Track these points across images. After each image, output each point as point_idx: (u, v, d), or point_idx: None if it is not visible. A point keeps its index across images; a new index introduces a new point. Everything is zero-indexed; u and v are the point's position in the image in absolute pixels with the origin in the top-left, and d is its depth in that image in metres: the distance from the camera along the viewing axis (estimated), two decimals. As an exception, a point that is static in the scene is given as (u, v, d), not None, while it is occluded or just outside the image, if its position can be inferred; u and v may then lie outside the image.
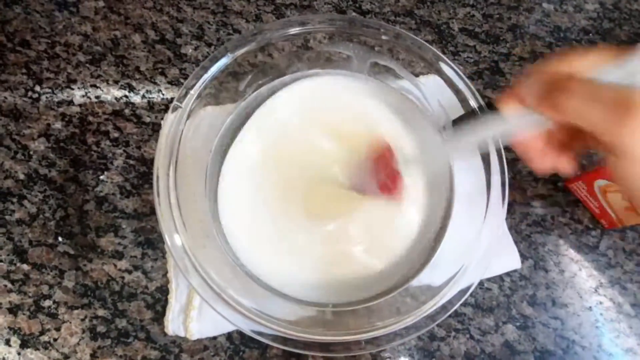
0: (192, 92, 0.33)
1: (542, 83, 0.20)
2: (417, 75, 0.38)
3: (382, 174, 0.33)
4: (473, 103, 0.34)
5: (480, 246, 0.32)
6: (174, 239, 0.29)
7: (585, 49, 0.20)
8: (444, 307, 0.30)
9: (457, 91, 0.35)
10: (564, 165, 0.23)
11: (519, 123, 0.22)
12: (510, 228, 0.40)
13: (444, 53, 0.47)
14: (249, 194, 0.35)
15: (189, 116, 0.33)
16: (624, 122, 0.17)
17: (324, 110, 0.37)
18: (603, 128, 0.18)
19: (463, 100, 0.34)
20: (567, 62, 0.20)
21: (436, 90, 0.36)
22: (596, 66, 0.19)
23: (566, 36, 0.49)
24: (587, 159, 0.43)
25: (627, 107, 0.17)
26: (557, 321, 0.38)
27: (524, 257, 0.39)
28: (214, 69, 0.34)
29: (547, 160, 0.23)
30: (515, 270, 0.39)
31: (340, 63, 0.38)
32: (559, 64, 0.20)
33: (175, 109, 0.32)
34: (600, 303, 0.39)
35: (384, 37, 0.35)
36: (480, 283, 0.39)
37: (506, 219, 0.39)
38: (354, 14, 0.48)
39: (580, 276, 0.40)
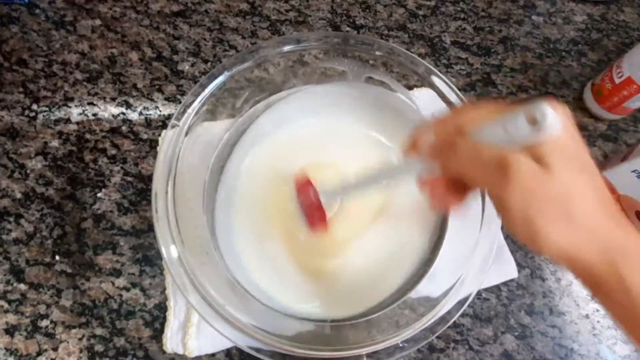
0: (190, 109, 0.33)
1: (435, 136, 0.23)
2: (411, 88, 0.38)
3: (305, 207, 0.32)
4: None
5: (477, 256, 0.32)
6: (172, 257, 0.29)
7: (475, 104, 0.22)
8: (443, 319, 0.30)
9: (449, 103, 0.35)
10: (456, 206, 0.24)
11: (418, 168, 0.24)
12: (506, 237, 0.40)
13: (436, 66, 0.48)
14: (245, 211, 0.35)
15: (187, 133, 0.33)
16: (502, 182, 0.19)
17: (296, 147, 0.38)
18: (485, 184, 0.20)
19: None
20: (459, 115, 0.22)
21: (430, 103, 0.37)
22: (483, 120, 0.21)
23: (556, 47, 0.50)
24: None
25: (505, 169, 0.19)
26: (555, 330, 0.39)
27: (520, 266, 0.40)
28: (212, 87, 0.34)
29: (443, 201, 0.24)
30: (512, 280, 0.39)
31: (335, 78, 0.39)
32: (452, 117, 0.23)
33: (173, 125, 0.33)
34: (597, 310, 0.39)
35: (377, 53, 0.36)
36: (478, 293, 0.39)
37: (502, 228, 0.40)
38: (348, 29, 0.48)
39: (577, 284, 0.40)
